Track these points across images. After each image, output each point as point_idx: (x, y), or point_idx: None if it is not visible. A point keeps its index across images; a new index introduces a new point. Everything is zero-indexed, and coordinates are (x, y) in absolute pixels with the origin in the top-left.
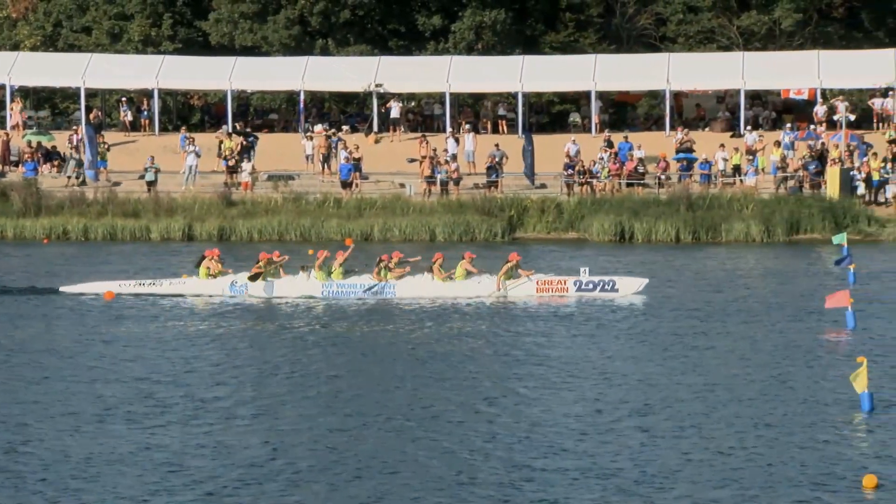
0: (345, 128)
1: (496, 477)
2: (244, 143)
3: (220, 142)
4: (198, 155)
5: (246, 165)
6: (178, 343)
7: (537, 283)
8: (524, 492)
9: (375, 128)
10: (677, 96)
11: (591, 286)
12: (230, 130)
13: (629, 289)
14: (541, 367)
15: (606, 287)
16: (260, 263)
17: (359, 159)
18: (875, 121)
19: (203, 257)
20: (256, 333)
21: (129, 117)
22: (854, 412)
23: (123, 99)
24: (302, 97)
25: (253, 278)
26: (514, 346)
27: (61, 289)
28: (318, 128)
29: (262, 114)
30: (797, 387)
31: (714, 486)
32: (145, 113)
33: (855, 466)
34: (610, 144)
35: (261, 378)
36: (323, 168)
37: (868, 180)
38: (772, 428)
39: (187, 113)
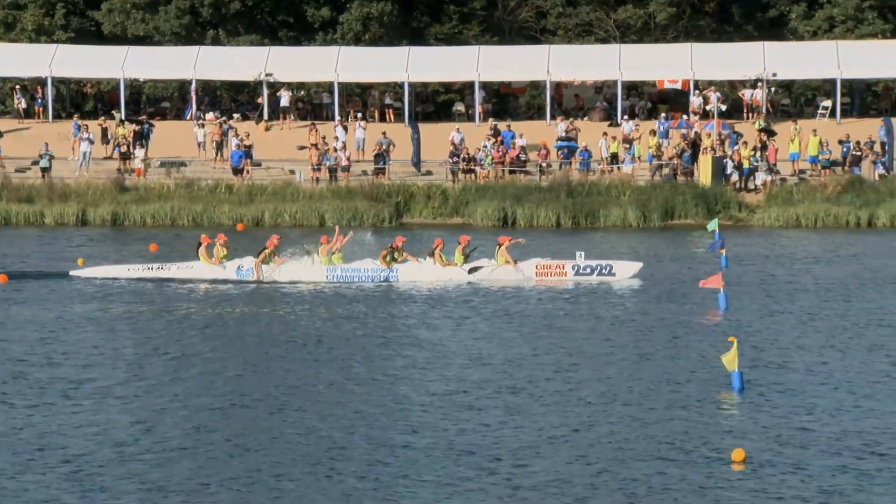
0: (236, 116)
1: (362, 454)
2: (136, 130)
3: (105, 128)
4: (91, 142)
5: (139, 152)
6: (92, 326)
7: (536, 266)
8: (389, 468)
9: (266, 116)
10: (557, 87)
11: (588, 270)
12: (122, 118)
13: (626, 272)
14: (419, 348)
15: (604, 271)
16: (267, 250)
17: (250, 146)
18: (745, 111)
19: (200, 243)
20: (209, 316)
21: (23, 105)
22: (725, 390)
23: (17, 87)
24: (193, 86)
25: (266, 260)
26: (405, 328)
27: (71, 273)
28: (210, 116)
29: (155, 102)
30: (670, 366)
31: (585, 463)
32: (39, 101)
33: (724, 442)
34: (496, 133)
35: (177, 360)
36: (215, 155)
37: (739, 168)
38: (643, 406)
39: (80, 101)
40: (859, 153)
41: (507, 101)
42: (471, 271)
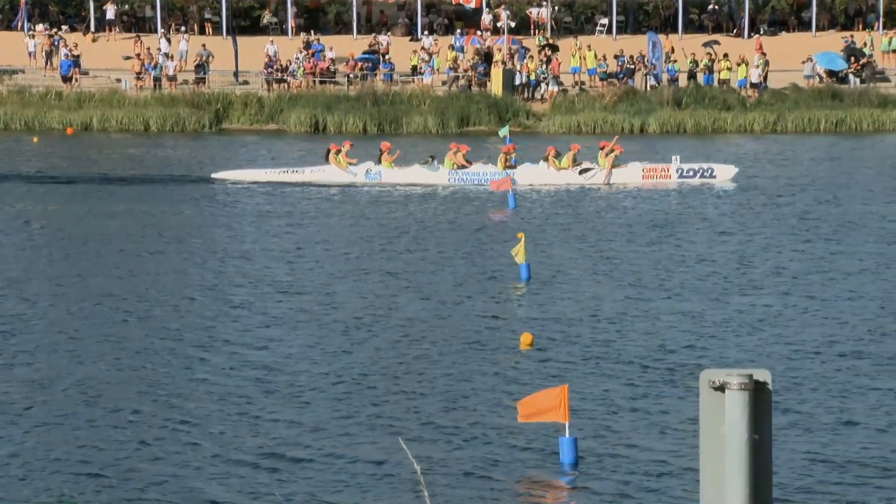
0: (64, 27)
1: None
2: None
3: None
4: None
5: None
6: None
7: (643, 170)
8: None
9: (93, 28)
10: (365, 3)
11: (691, 173)
12: None
13: (726, 175)
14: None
15: (706, 174)
16: (384, 153)
17: (78, 56)
18: (532, 28)
19: (329, 150)
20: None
21: None
22: (515, 282)
23: None
24: None
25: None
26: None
27: (213, 175)
28: (40, 27)
29: None
30: (465, 261)
31: (386, 347)
32: None
33: (514, 327)
34: (308, 46)
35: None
36: (45, 64)
37: (527, 79)
38: (441, 300)
39: None
40: (633, 66)
41: (317, 17)
42: (581, 172)
